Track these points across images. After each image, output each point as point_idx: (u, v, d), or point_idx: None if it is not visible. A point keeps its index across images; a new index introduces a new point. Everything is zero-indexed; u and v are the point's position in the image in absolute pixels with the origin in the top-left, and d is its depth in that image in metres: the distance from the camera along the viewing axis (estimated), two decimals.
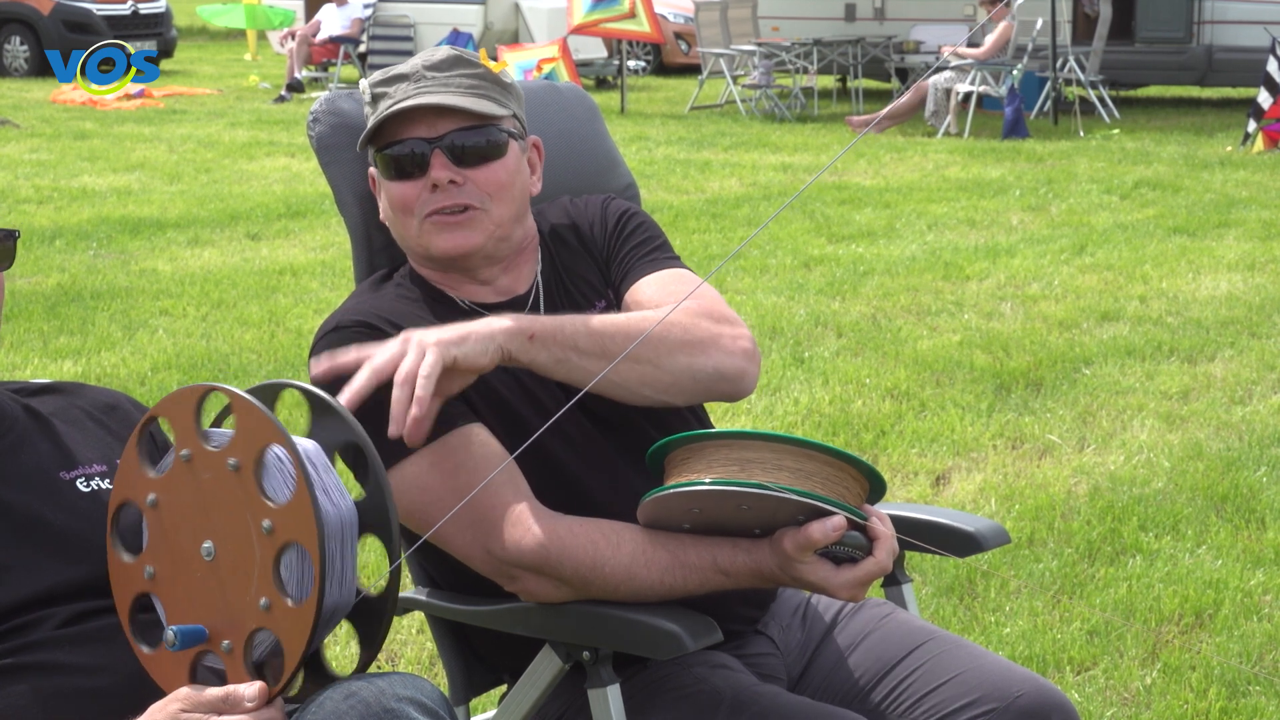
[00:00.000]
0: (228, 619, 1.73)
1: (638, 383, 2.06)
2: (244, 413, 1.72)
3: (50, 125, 14.82)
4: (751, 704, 2.06)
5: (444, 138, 2.19)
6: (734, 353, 2.12)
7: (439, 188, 2.19)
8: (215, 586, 1.73)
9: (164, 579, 1.78)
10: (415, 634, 3.82)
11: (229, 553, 1.72)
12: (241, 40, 26.30)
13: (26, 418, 2.01)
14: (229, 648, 1.73)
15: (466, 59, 2.25)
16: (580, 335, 2.01)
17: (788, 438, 1.88)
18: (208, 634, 1.73)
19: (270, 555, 1.69)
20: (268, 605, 1.69)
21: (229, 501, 1.72)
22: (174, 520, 1.77)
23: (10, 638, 1.82)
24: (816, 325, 6.91)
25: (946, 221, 9.79)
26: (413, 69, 2.23)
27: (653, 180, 11.49)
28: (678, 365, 2.08)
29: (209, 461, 1.73)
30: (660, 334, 2.05)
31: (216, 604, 1.73)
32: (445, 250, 2.21)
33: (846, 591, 1.96)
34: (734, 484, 1.86)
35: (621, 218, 2.36)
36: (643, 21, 15.70)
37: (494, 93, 2.25)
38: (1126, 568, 4.18)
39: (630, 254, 2.32)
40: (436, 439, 2.07)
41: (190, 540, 1.75)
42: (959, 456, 5.16)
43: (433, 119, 2.20)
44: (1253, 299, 7.46)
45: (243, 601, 1.70)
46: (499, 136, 2.23)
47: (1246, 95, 15.09)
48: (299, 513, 1.67)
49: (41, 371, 6.10)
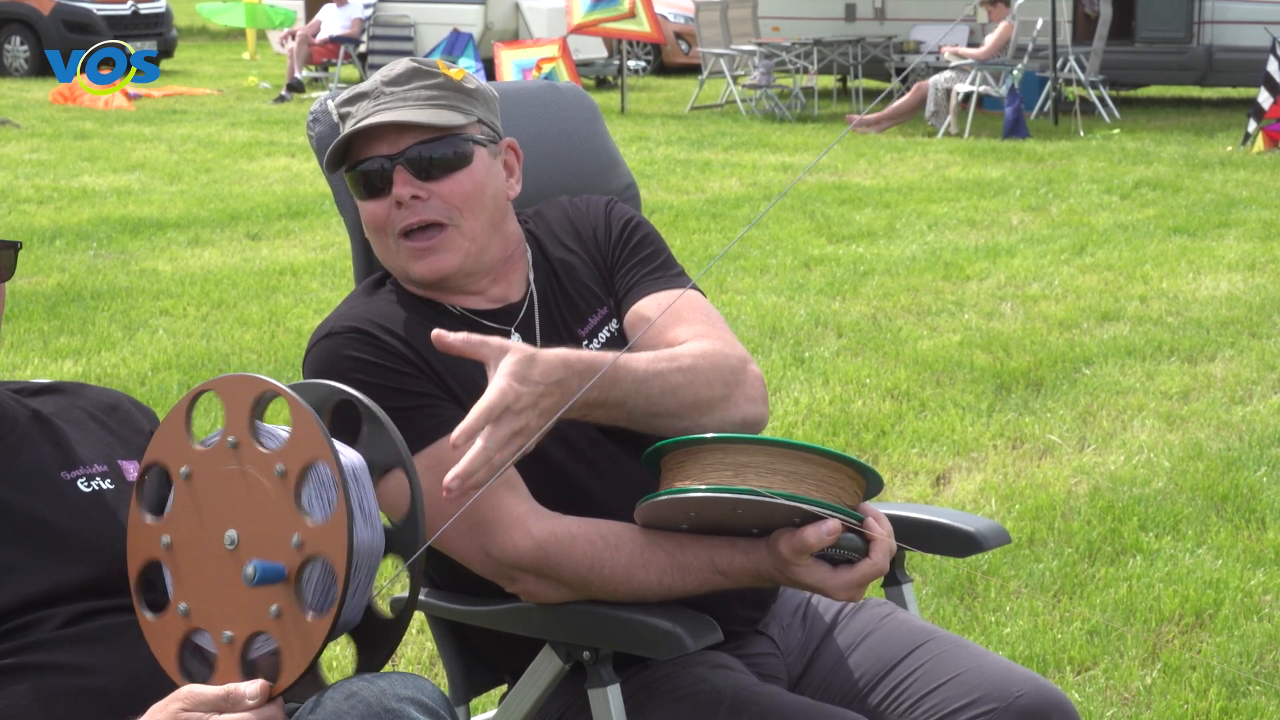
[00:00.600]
0: (235, 611, 1.73)
1: (673, 434, 2.09)
2: (301, 424, 1.72)
3: (50, 125, 14.82)
4: (751, 704, 2.06)
5: (405, 152, 2.18)
6: (756, 399, 2.19)
7: (403, 204, 2.19)
8: (231, 576, 1.73)
9: (179, 552, 1.79)
10: (415, 634, 3.82)
11: (252, 550, 1.72)
12: (242, 40, 26.31)
13: (27, 418, 2.01)
14: (230, 639, 1.73)
15: (425, 70, 2.23)
16: (631, 397, 2.05)
17: (782, 441, 1.88)
18: (286, 572, 1.71)
19: (289, 493, 1.69)
20: (278, 612, 1.69)
21: (265, 504, 1.72)
22: (204, 498, 1.77)
23: (10, 638, 1.83)
24: (816, 325, 6.92)
25: (947, 221, 9.79)
26: (372, 86, 2.23)
27: (653, 180, 11.49)
28: (712, 422, 2.13)
29: (256, 459, 1.74)
30: (693, 392, 2.10)
31: (228, 593, 1.73)
32: (423, 275, 2.21)
33: (844, 593, 1.96)
34: (727, 490, 1.87)
35: (626, 226, 2.36)
36: (643, 21, 15.69)
37: (455, 100, 2.23)
38: (1126, 568, 4.18)
39: (635, 268, 2.32)
40: (432, 443, 2.08)
41: (216, 524, 1.75)
42: (959, 456, 5.16)
43: (394, 135, 2.19)
44: (1253, 299, 7.46)
45: (254, 602, 1.71)
46: (463, 146, 2.21)
47: (1246, 95, 15.09)
48: (333, 535, 1.67)
49: (42, 371, 6.11)
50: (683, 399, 2.09)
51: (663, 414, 2.08)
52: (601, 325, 2.29)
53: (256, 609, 1.71)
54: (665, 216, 9.76)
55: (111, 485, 1.99)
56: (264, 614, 1.70)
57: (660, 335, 2.21)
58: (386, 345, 2.13)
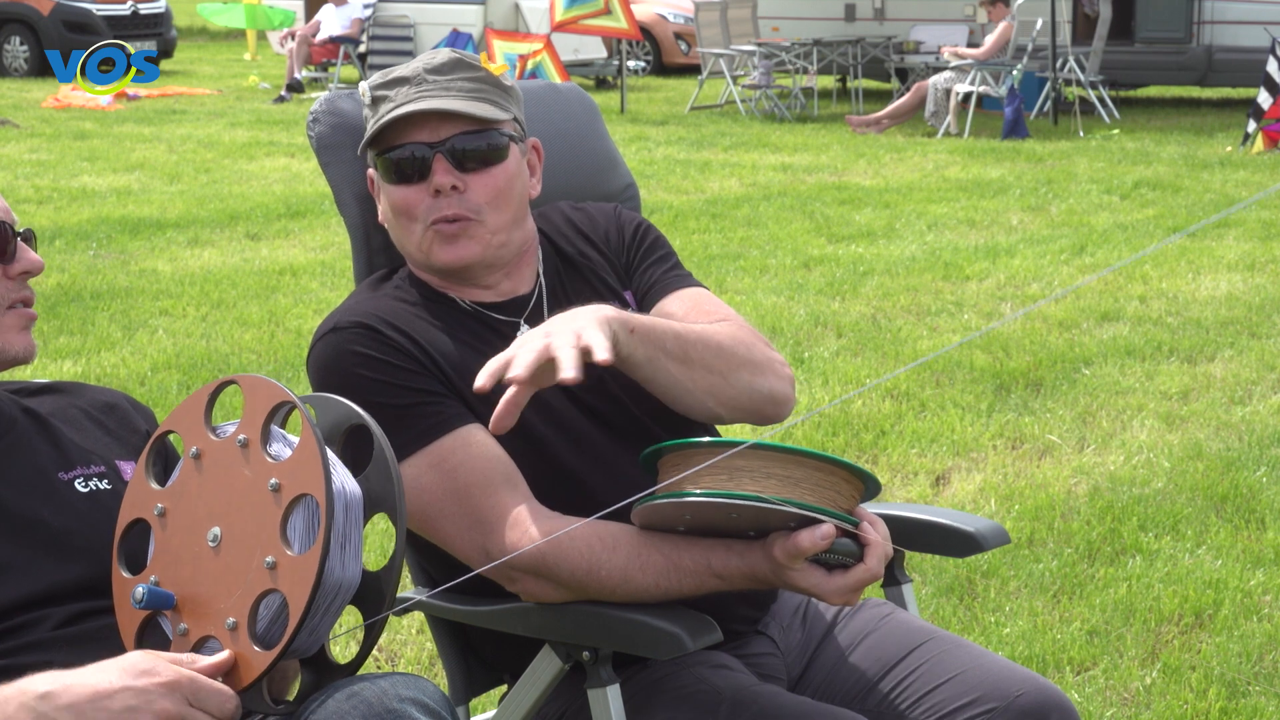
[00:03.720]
0: (198, 608, 1.75)
1: (704, 392, 2.14)
2: (306, 450, 1.73)
3: (50, 125, 14.82)
4: (751, 704, 2.06)
5: (446, 142, 2.19)
6: (784, 378, 2.24)
7: (441, 193, 2.19)
8: (220, 570, 1.75)
9: (168, 524, 1.82)
10: (415, 634, 3.82)
11: (236, 527, 1.74)
12: (241, 40, 26.30)
13: (25, 418, 2.01)
14: (184, 631, 1.75)
15: (467, 62, 2.24)
16: (668, 337, 2.09)
17: (777, 445, 1.88)
18: (175, 601, 1.76)
19: (278, 514, 1.71)
20: (273, 563, 1.70)
21: (254, 514, 1.74)
22: (205, 484, 1.79)
23: (8, 638, 1.82)
24: (816, 325, 6.92)
25: (946, 221, 9.79)
26: (414, 72, 2.22)
27: (653, 180, 11.49)
28: (741, 381, 2.17)
29: (259, 464, 1.75)
30: (728, 350, 2.16)
31: (220, 588, 1.74)
32: (447, 262, 2.22)
33: (839, 597, 1.96)
34: (721, 495, 1.87)
35: (638, 229, 2.39)
36: (619, 17, 15.67)
37: (495, 96, 2.24)
38: (1126, 568, 4.18)
39: (653, 267, 2.35)
40: (435, 440, 2.08)
41: (207, 514, 1.78)
42: (959, 457, 5.16)
43: (435, 123, 2.19)
44: (1252, 299, 7.46)
45: (248, 569, 1.72)
46: (500, 140, 2.22)
47: (1246, 95, 15.09)
48: (302, 573, 1.68)
49: (41, 371, 6.10)
50: (717, 350, 2.14)
51: (695, 361, 2.11)
52: None
53: (251, 575, 1.72)
54: (665, 216, 9.76)
55: (109, 485, 1.98)
56: (261, 572, 1.71)
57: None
58: (392, 341, 2.13)
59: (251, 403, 1.79)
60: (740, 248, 8.85)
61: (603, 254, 2.35)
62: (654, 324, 2.08)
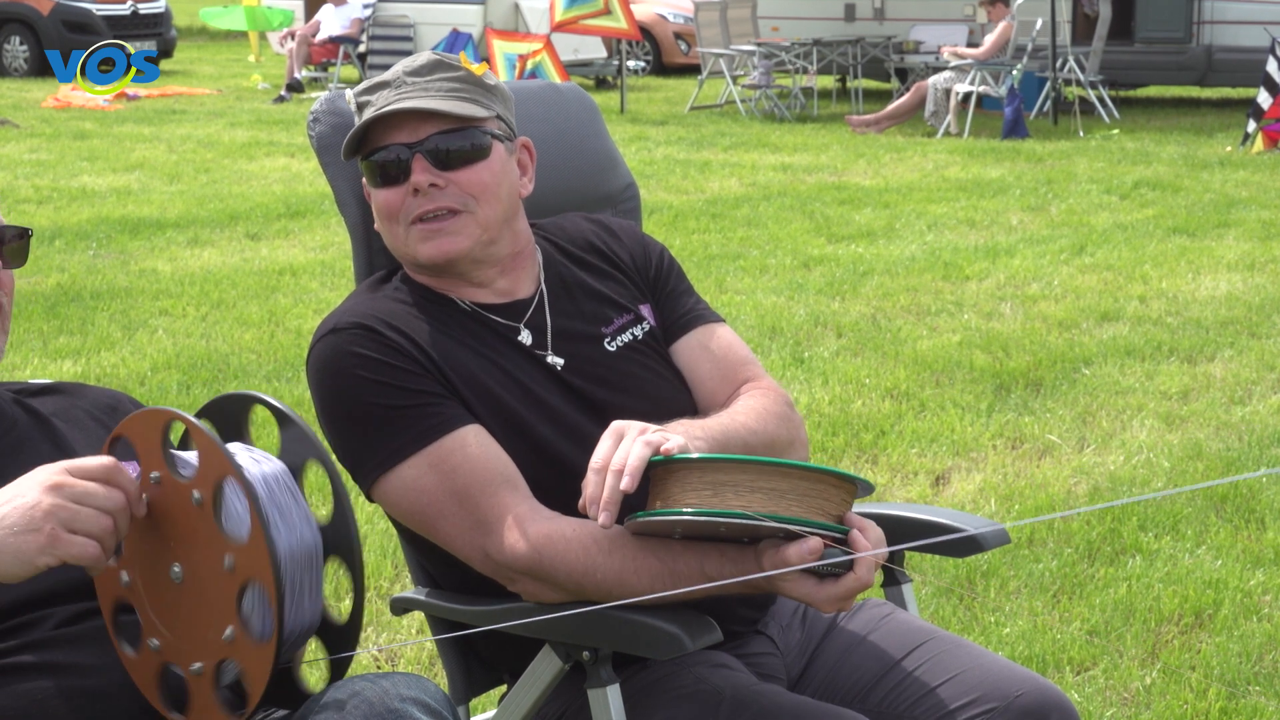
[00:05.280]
0: (196, 643, 1.73)
1: None
2: (203, 447, 1.72)
3: (50, 125, 14.81)
4: (751, 703, 2.06)
5: (424, 142, 2.19)
6: (803, 439, 2.31)
7: (420, 192, 2.19)
8: (185, 609, 1.74)
9: (138, 590, 1.79)
10: (415, 634, 3.82)
11: (195, 580, 1.73)
12: (241, 40, 26.31)
13: (27, 419, 2.01)
14: (199, 670, 1.74)
15: (447, 63, 2.25)
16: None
17: (761, 459, 1.89)
18: None
19: (233, 591, 1.69)
20: (231, 637, 1.70)
21: (194, 533, 1.72)
22: (145, 533, 1.76)
23: (9, 637, 1.82)
24: (816, 325, 6.92)
25: (946, 221, 9.79)
26: (394, 75, 2.24)
27: (653, 180, 11.49)
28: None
29: (177, 490, 1.73)
30: (771, 438, 2.23)
31: (185, 625, 1.74)
32: (431, 257, 2.21)
33: (830, 606, 1.96)
34: (706, 513, 1.87)
35: (663, 256, 2.43)
36: (618, 18, 15.67)
37: (476, 95, 2.24)
38: (1126, 568, 4.18)
39: (681, 298, 2.40)
40: (434, 441, 2.08)
41: (161, 559, 1.76)
42: (959, 456, 5.17)
43: (414, 124, 2.20)
44: (1252, 299, 7.46)
45: (209, 629, 1.71)
46: (481, 139, 2.22)
47: (1246, 95, 15.08)
48: (256, 551, 1.67)
49: (41, 372, 6.10)
50: (768, 448, 2.20)
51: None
52: (625, 328, 2.32)
53: (213, 637, 1.71)
54: (665, 216, 9.76)
55: None
56: (219, 641, 1.70)
57: (730, 370, 2.34)
58: (391, 342, 2.13)
59: (142, 440, 1.76)
60: (740, 248, 8.85)
61: (622, 269, 2.36)
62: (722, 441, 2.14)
